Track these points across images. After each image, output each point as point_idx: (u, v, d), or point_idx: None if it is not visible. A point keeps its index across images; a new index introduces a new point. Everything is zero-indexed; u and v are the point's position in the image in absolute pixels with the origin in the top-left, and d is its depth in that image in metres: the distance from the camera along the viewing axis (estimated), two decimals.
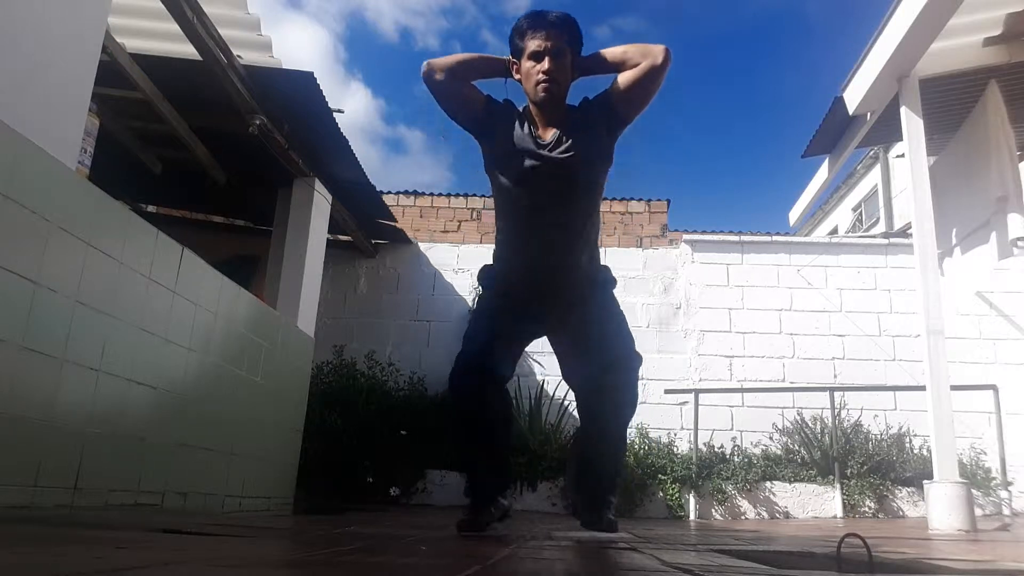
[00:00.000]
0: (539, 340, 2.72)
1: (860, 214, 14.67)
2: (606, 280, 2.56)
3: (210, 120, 4.58)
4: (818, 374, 6.84)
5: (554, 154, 2.34)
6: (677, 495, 5.87)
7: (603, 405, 2.45)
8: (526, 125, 2.40)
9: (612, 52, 2.40)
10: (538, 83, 2.32)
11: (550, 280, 2.43)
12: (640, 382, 2.57)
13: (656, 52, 2.31)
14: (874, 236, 8.38)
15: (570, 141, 2.35)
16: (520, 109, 2.47)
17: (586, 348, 2.47)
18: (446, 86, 2.40)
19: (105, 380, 2.69)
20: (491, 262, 2.61)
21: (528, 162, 2.35)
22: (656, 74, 2.33)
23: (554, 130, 2.38)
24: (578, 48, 2.39)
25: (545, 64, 2.30)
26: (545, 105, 2.37)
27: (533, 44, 2.32)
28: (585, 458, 2.59)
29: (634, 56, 2.34)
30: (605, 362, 2.41)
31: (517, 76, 2.42)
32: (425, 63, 2.38)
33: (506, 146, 2.40)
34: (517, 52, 2.38)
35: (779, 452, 6.38)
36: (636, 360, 2.48)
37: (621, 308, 2.57)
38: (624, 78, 2.36)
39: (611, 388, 2.42)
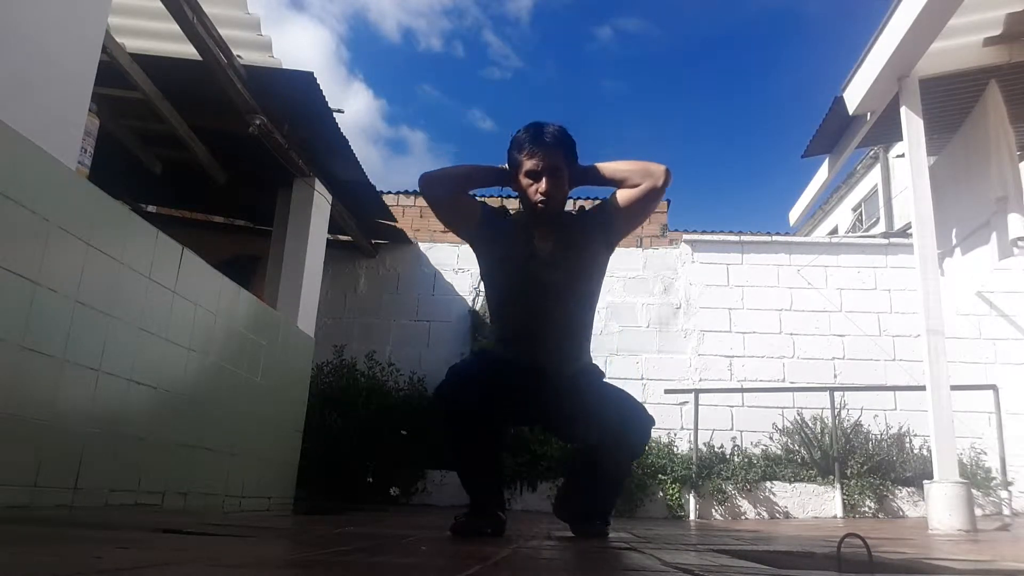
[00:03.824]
0: None
1: (860, 214, 14.67)
2: (596, 375, 2.53)
3: (210, 120, 4.58)
4: (818, 374, 6.84)
5: (550, 267, 2.38)
6: (677, 495, 5.87)
7: (614, 457, 2.43)
8: (523, 235, 2.43)
9: (611, 169, 2.44)
10: (536, 202, 2.36)
11: (544, 374, 2.41)
12: (640, 382, 2.57)
13: (657, 174, 2.35)
14: (874, 236, 8.38)
15: (567, 252, 2.39)
16: (516, 218, 2.51)
17: (590, 423, 2.41)
18: (443, 199, 2.46)
19: (105, 380, 2.69)
20: (489, 350, 2.67)
21: (525, 272, 2.39)
22: (656, 195, 2.39)
23: (551, 241, 2.41)
24: (574, 161, 2.43)
25: (543, 185, 2.33)
26: (542, 221, 2.41)
27: (530, 163, 2.34)
28: (583, 485, 2.56)
29: (633, 176, 2.39)
30: (611, 433, 2.36)
31: (515, 186, 2.44)
32: (422, 177, 2.44)
33: (503, 255, 2.45)
34: (514, 164, 2.41)
35: (779, 452, 6.38)
36: (648, 423, 2.46)
37: (620, 389, 2.55)
38: (623, 196, 2.41)
39: (620, 451, 2.40)
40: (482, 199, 2.66)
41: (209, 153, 4.87)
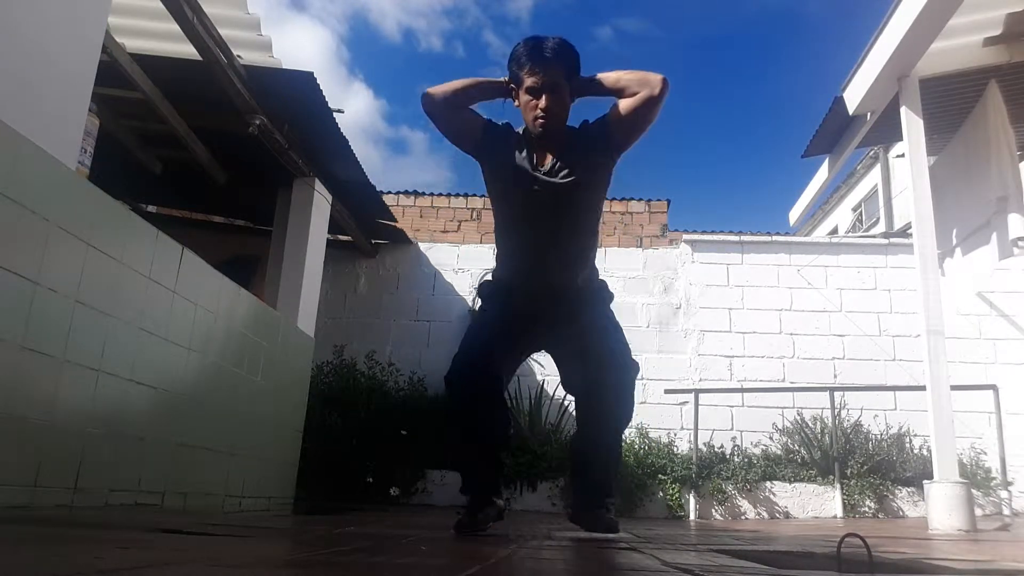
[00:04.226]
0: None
1: (860, 214, 14.67)
2: (603, 294, 2.60)
3: (210, 120, 4.58)
4: (818, 374, 6.83)
5: (552, 179, 2.38)
6: (677, 495, 5.87)
7: (599, 409, 2.49)
8: (525, 149, 2.43)
9: (610, 78, 2.43)
10: (536, 118, 2.35)
11: (548, 296, 2.47)
12: (640, 382, 2.59)
13: (654, 82, 2.34)
14: (874, 236, 8.38)
15: (568, 167, 2.39)
16: (519, 132, 2.50)
17: (583, 357, 2.51)
18: (446, 113, 2.44)
19: (105, 380, 2.69)
20: (491, 278, 2.67)
21: (527, 186, 2.39)
22: (653, 104, 2.36)
23: (552, 157, 2.41)
24: (575, 74, 2.41)
25: (543, 101, 2.33)
26: (543, 137, 2.41)
27: (530, 80, 2.33)
28: (581, 460, 2.60)
29: (632, 84, 2.37)
30: (602, 368, 2.45)
31: (516, 102, 2.44)
32: (424, 92, 2.42)
33: (506, 170, 2.44)
34: (515, 80, 2.39)
35: (779, 452, 6.38)
36: (633, 367, 2.51)
37: (618, 321, 2.61)
38: (622, 106, 2.39)
39: (607, 393, 2.46)
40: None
41: (209, 153, 4.87)
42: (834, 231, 15.29)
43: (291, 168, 4.96)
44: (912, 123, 4.66)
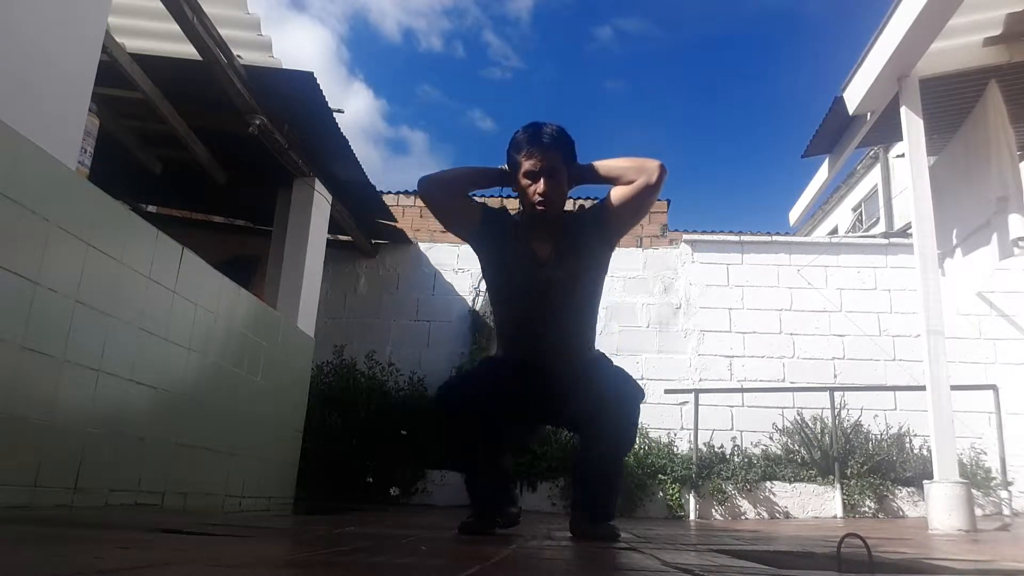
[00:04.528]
0: None
1: (860, 214, 14.67)
2: (601, 365, 2.53)
3: (210, 120, 4.58)
4: (818, 374, 6.83)
5: (552, 270, 2.38)
6: (677, 495, 5.87)
7: (602, 433, 2.43)
8: (522, 237, 2.44)
9: (607, 166, 2.45)
10: (534, 203, 2.36)
11: (549, 373, 2.42)
12: (640, 382, 2.56)
13: (651, 169, 2.36)
14: (874, 236, 8.38)
15: (565, 254, 2.40)
16: (516, 218, 2.51)
17: (588, 401, 2.42)
18: (443, 202, 2.48)
19: (105, 380, 2.69)
20: (492, 355, 2.69)
21: (526, 275, 2.40)
22: (651, 192, 2.38)
23: (550, 243, 2.42)
24: (573, 161, 2.43)
25: (541, 186, 2.33)
26: (541, 222, 2.42)
27: (528, 163, 2.34)
28: (582, 481, 2.57)
29: (628, 172, 2.39)
30: (602, 402, 2.37)
31: (514, 188, 2.45)
32: (421, 180, 2.45)
33: (503, 256, 2.46)
34: (513, 165, 2.41)
35: (779, 452, 6.38)
36: (637, 395, 2.43)
37: (615, 365, 2.54)
38: (619, 194, 2.41)
39: (611, 416, 2.39)
40: (483, 199, 2.66)
41: (209, 153, 4.87)
42: (834, 231, 15.29)
43: (291, 168, 4.96)
44: (912, 123, 4.66)
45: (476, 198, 2.60)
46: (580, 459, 2.57)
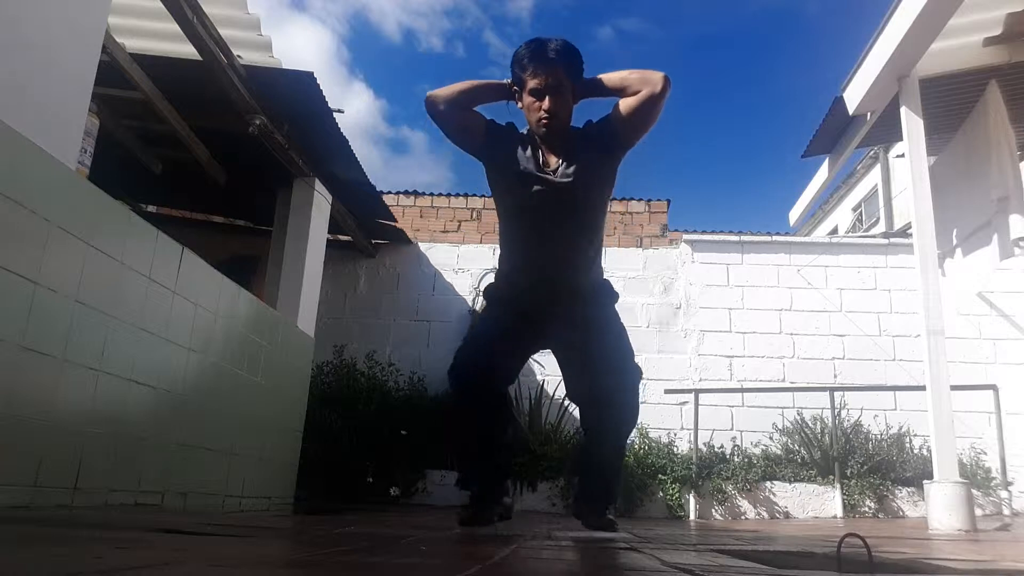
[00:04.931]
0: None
1: (860, 214, 14.67)
2: (608, 295, 2.59)
3: (210, 120, 4.58)
4: (818, 374, 6.83)
5: (557, 180, 2.38)
6: (677, 495, 5.87)
7: (603, 416, 2.48)
8: (529, 150, 2.43)
9: (612, 78, 2.43)
10: (539, 120, 2.36)
11: (553, 296, 2.47)
12: (640, 382, 2.58)
13: (655, 80, 2.34)
14: (874, 236, 8.38)
15: (573, 167, 2.39)
16: (523, 132, 2.50)
17: (587, 363, 2.50)
18: (449, 116, 2.44)
19: (105, 380, 2.69)
20: (494, 278, 2.67)
21: (532, 187, 2.39)
22: (655, 102, 2.36)
23: (557, 158, 2.42)
24: (579, 75, 2.42)
25: (546, 102, 2.33)
26: (547, 138, 2.41)
27: (533, 81, 2.34)
28: (585, 464, 2.61)
29: (634, 83, 2.37)
30: (605, 376, 2.44)
31: (519, 104, 2.44)
32: (427, 95, 2.43)
33: (510, 171, 2.44)
34: (518, 81, 2.40)
35: (779, 452, 6.38)
36: (636, 373, 2.51)
37: (622, 322, 2.60)
38: (624, 105, 2.39)
39: (610, 400, 2.46)
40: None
41: (209, 153, 4.87)
42: (834, 231, 15.29)
43: (291, 168, 4.96)
44: (912, 123, 4.66)
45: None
46: (584, 445, 2.60)
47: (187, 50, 3.77)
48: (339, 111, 4.59)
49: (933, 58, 4.74)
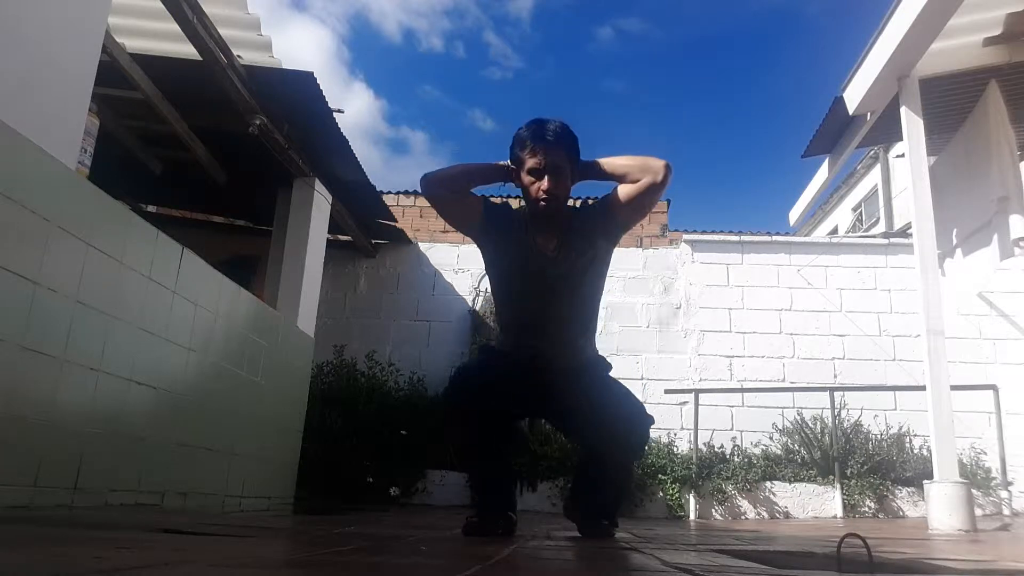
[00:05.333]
0: None
1: (860, 214, 14.67)
2: (602, 367, 2.54)
3: (210, 120, 4.58)
4: (818, 374, 6.83)
5: (553, 261, 2.38)
6: (677, 495, 5.87)
7: (615, 459, 2.43)
8: (525, 231, 2.43)
9: (612, 164, 2.44)
10: (538, 200, 2.36)
11: (550, 368, 2.43)
12: (640, 382, 2.58)
13: (656, 169, 2.35)
14: (874, 236, 8.38)
15: (570, 249, 2.40)
16: (519, 212, 2.50)
17: (589, 425, 2.43)
18: (446, 199, 2.46)
19: (105, 380, 2.69)
20: (494, 344, 2.65)
21: (529, 268, 2.40)
22: (656, 191, 2.38)
23: (554, 239, 2.42)
24: (577, 158, 2.43)
25: (545, 183, 2.33)
26: (544, 218, 2.41)
27: (532, 161, 2.34)
28: (586, 483, 2.56)
29: (634, 171, 2.38)
30: (613, 433, 2.37)
31: (517, 184, 2.44)
32: (423, 177, 2.43)
33: (506, 251, 2.45)
34: (517, 162, 2.40)
35: (779, 452, 6.38)
36: (647, 422, 2.44)
37: (623, 386, 2.54)
38: (624, 192, 2.40)
39: (621, 450, 2.40)
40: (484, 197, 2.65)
41: (209, 153, 4.87)
42: (834, 231, 15.29)
43: (291, 168, 4.96)
44: (912, 123, 4.66)
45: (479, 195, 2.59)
46: (586, 475, 2.56)
47: (187, 50, 3.77)
48: (339, 111, 4.59)
49: (933, 58, 4.74)
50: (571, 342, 2.45)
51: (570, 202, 2.53)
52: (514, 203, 2.67)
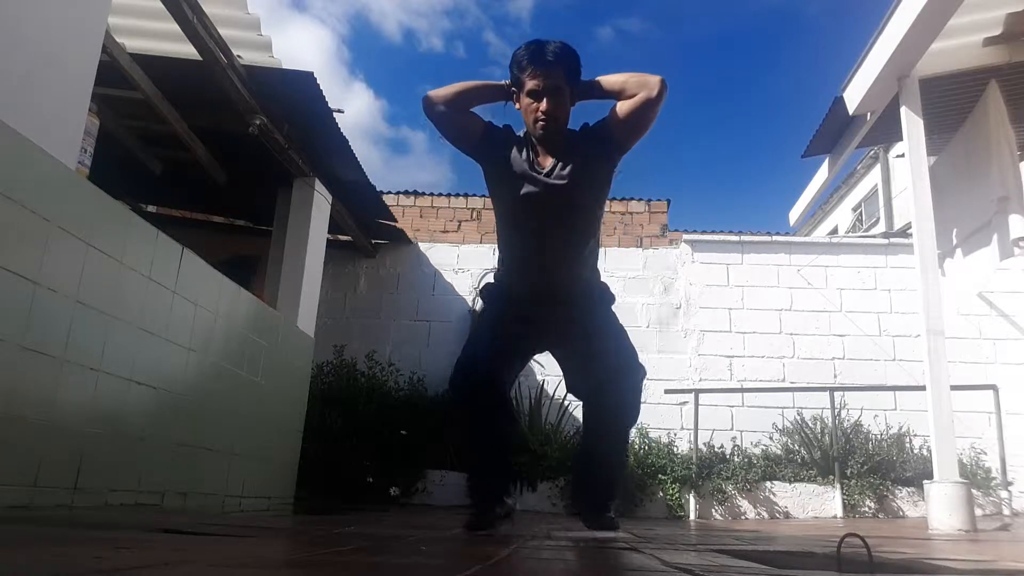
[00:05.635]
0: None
1: (860, 214, 14.67)
2: (606, 296, 2.60)
3: (210, 120, 4.58)
4: (818, 374, 6.83)
5: (553, 182, 2.38)
6: (677, 495, 5.87)
7: (605, 413, 2.48)
8: (525, 152, 2.44)
9: (609, 81, 2.44)
10: (536, 121, 2.36)
11: (551, 297, 2.47)
12: (643, 381, 2.58)
13: (652, 83, 2.35)
14: (874, 236, 8.38)
15: (568, 169, 2.39)
16: (520, 134, 2.50)
17: (588, 362, 2.50)
18: (446, 116, 2.45)
19: (105, 380, 2.69)
20: (493, 279, 2.67)
21: (527, 189, 2.40)
22: (652, 105, 2.37)
23: (553, 159, 2.42)
24: (577, 78, 2.42)
25: (544, 104, 2.33)
26: (544, 140, 2.41)
27: (531, 83, 2.34)
28: (587, 462, 2.61)
29: (631, 87, 2.38)
30: (608, 372, 2.44)
31: (517, 105, 2.44)
32: (425, 95, 2.43)
33: (506, 172, 2.44)
34: (516, 83, 2.40)
35: (779, 452, 6.38)
36: (639, 370, 2.50)
37: (621, 323, 2.60)
38: (621, 108, 2.40)
39: (613, 396, 2.45)
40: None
41: (209, 153, 4.87)
42: (834, 231, 15.29)
43: (291, 168, 4.96)
44: (912, 123, 4.66)
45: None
46: (586, 442, 2.60)
47: (187, 50, 3.77)
48: (339, 111, 4.59)
49: (933, 58, 4.74)
50: (571, 263, 2.46)
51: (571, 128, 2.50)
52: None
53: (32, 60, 2.37)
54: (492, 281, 2.69)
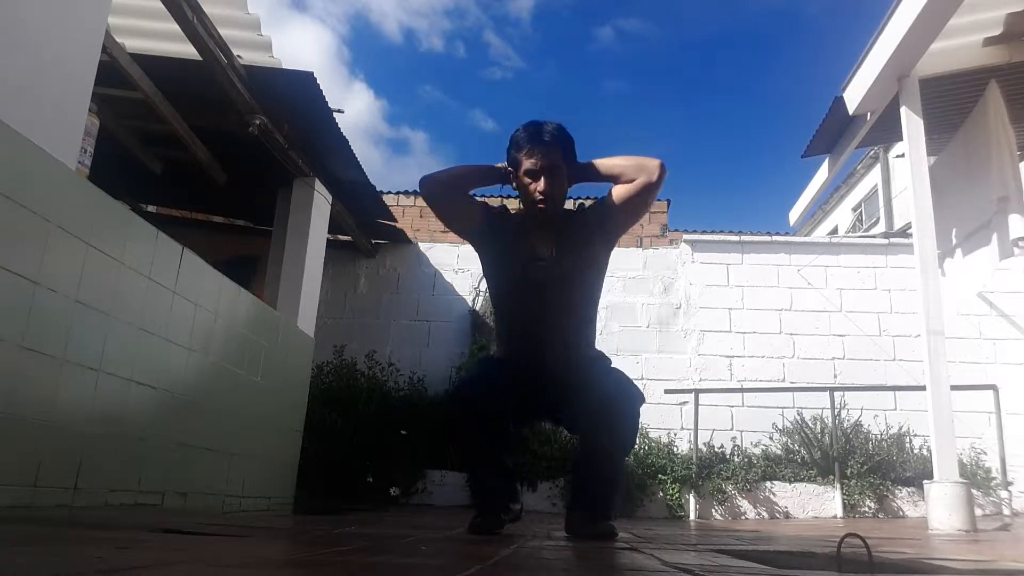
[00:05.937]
0: None
1: (860, 214, 14.68)
2: (601, 365, 2.53)
3: (210, 120, 4.58)
4: (818, 374, 6.83)
5: (549, 266, 2.39)
6: (677, 495, 5.87)
7: (602, 436, 2.43)
8: (522, 235, 2.44)
9: (607, 164, 2.45)
10: (535, 200, 2.37)
11: (550, 370, 2.43)
12: (640, 382, 2.57)
13: (651, 168, 2.36)
14: (874, 236, 8.38)
15: (566, 250, 2.40)
16: (517, 217, 2.51)
17: (584, 402, 2.42)
18: (444, 201, 2.47)
19: (105, 380, 2.69)
20: (493, 347, 2.67)
21: (524, 273, 2.40)
22: (652, 190, 2.39)
23: (550, 242, 2.42)
24: (573, 159, 2.44)
25: (541, 184, 2.34)
26: (542, 220, 2.42)
27: (529, 162, 2.35)
28: (582, 481, 2.56)
29: (629, 171, 2.39)
30: (605, 400, 2.36)
31: (513, 186, 2.45)
32: (422, 179, 2.45)
33: (503, 256, 2.46)
34: (514, 163, 2.41)
35: (779, 452, 6.38)
36: (637, 397, 2.41)
37: (617, 368, 2.54)
38: (619, 192, 2.41)
39: (611, 422, 2.38)
40: (483, 199, 2.66)
41: (209, 153, 4.86)
42: (834, 231, 15.30)
43: (291, 168, 4.96)
44: (912, 123, 4.66)
45: (477, 197, 2.60)
46: (580, 461, 2.56)
47: (187, 50, 3.77)
48: (339, 111, 4.59)
49: (933, 58, 4.74)
50: (569, 344, 2.45)
51: (568, 205, 2.54)
52: (511, 205, 2.68)
53: (32, 60, 2.37)
54: (490, 355, 2.69)
